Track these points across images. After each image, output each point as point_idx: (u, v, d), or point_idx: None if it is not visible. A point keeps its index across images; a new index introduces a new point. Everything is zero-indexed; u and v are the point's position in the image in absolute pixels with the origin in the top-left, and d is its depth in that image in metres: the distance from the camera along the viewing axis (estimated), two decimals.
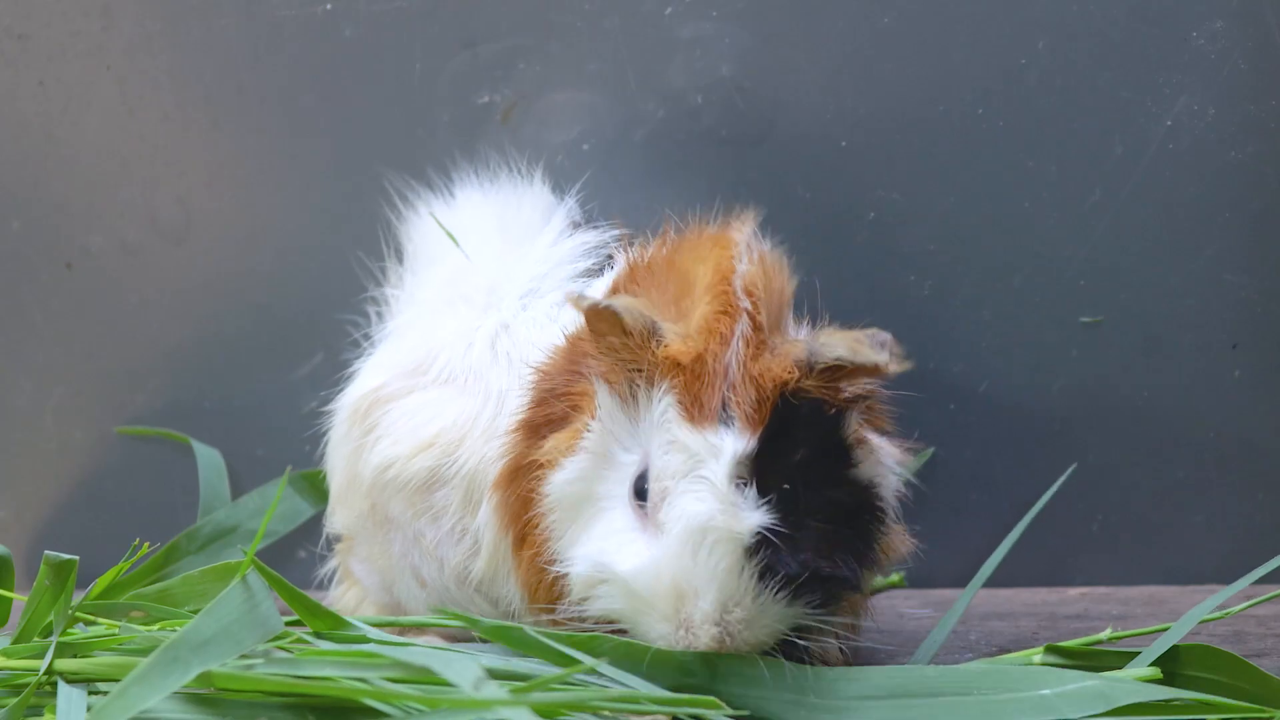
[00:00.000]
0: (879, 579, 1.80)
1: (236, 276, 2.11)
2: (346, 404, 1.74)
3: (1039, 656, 1.50)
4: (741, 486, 1.37)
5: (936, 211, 2.00)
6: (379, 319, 1.86)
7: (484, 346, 1.67)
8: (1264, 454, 2.00)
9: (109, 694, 1.20)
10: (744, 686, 1.37)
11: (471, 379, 1.66)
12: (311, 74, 2.07)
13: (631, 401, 1.44)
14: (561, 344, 1.57)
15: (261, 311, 2.12)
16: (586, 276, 1.70)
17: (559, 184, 1.85)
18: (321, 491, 1.93)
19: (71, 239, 2.13)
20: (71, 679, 1.38)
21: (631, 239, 1.69)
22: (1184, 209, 1.96)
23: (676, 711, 1.32)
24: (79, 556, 1.50)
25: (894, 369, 1.40)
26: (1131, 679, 1.37)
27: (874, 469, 1.46)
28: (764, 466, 1.38)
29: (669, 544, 1.38)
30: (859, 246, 2.00)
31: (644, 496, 1.42)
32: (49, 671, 1.39)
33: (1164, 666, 1.43)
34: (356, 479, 1.72)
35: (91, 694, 1.35)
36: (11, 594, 1.61)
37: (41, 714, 1.34)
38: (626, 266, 1.58)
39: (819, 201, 2.01)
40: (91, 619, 1.54)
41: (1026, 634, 1.78)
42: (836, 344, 1.40)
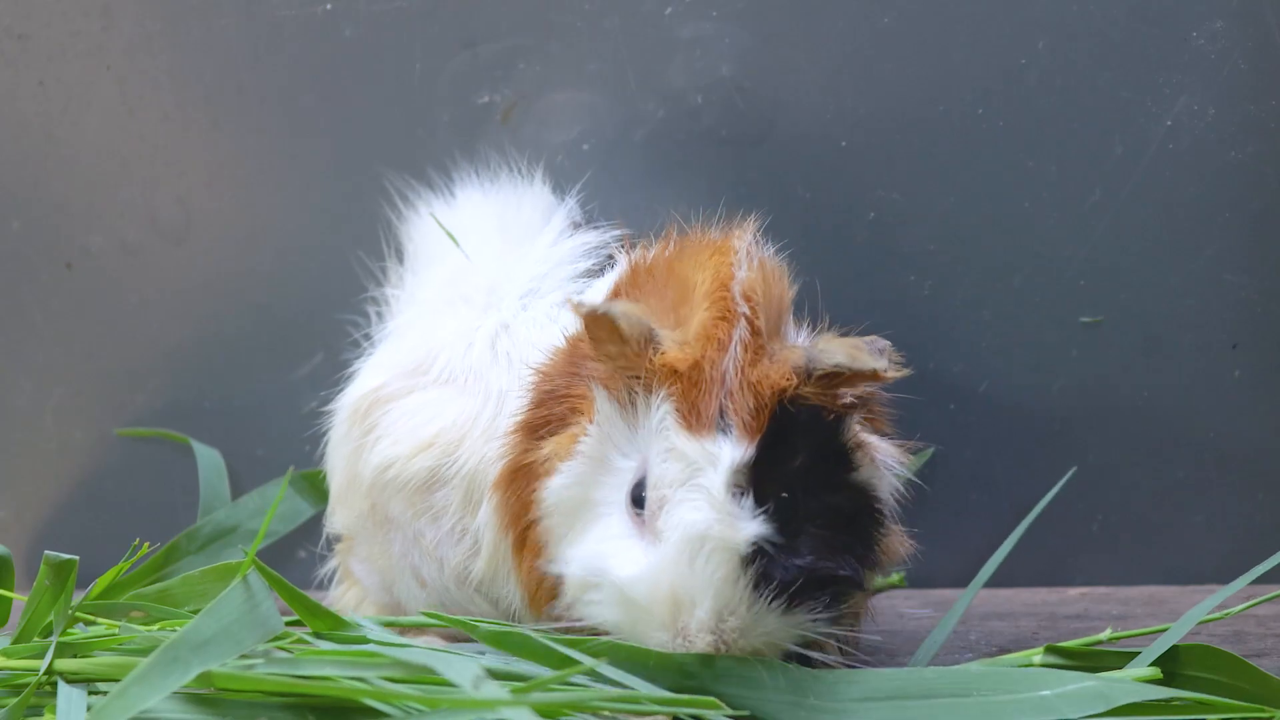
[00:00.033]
0: (879, 580, 1.80)
1: (236, 276, 2.12)
2: (346, 404, 1.74)
3: (1039, 657, 1.50)
4: (738, 495, 1.37)
5: (936, 211, 2.00)
6: (379, 319, 1.86)
7: (484, 347, 1.67)
8: (1264, 454, 2.00)
9: (109, 694, 1.20)
10: (744, 688, 1.36)
11: (471, 379, 1.66)
12: (311, 74, 2.07)
13: (630, 408, 1.44)
14: (562, 345, 1.57)
15: (261, 311, 2.12)
16: (587, 277, 1.70)
17: (559, 184, 1.85)
18: (321, 491, 1.93)
19: (71, 239, 2.13)
20: (71, 679, 1.38)
21: (633, 240, 1.69)
22: (1184, 209, 1.96)
23: (676, 712, 1.32)
24: (79, 556, 1.50)
25: (892, 375, 1.40)
26: (1131, 679, 1.37)
27: (873, 472, 1.46)
28: (762, 474, 1.38)
29: (666, 552, 1.37)
30: (859, 246, 2.00)
31: (641, 504, 1.41)
32: (49, 671, 1.39)
33: (1164, 666, 1.43)
34: (356, 479, 1.72)
35: (91, 694, 1.35)
36: (11, 594, 1.61)
37: (41, 714, 1.34)
38: (628, 269, 1.58)
39: (819, 201, 2.01)
40: (91, 619, 1.54)
41: (1026, 634, 1.78)
42: (835, 350, 1.40)
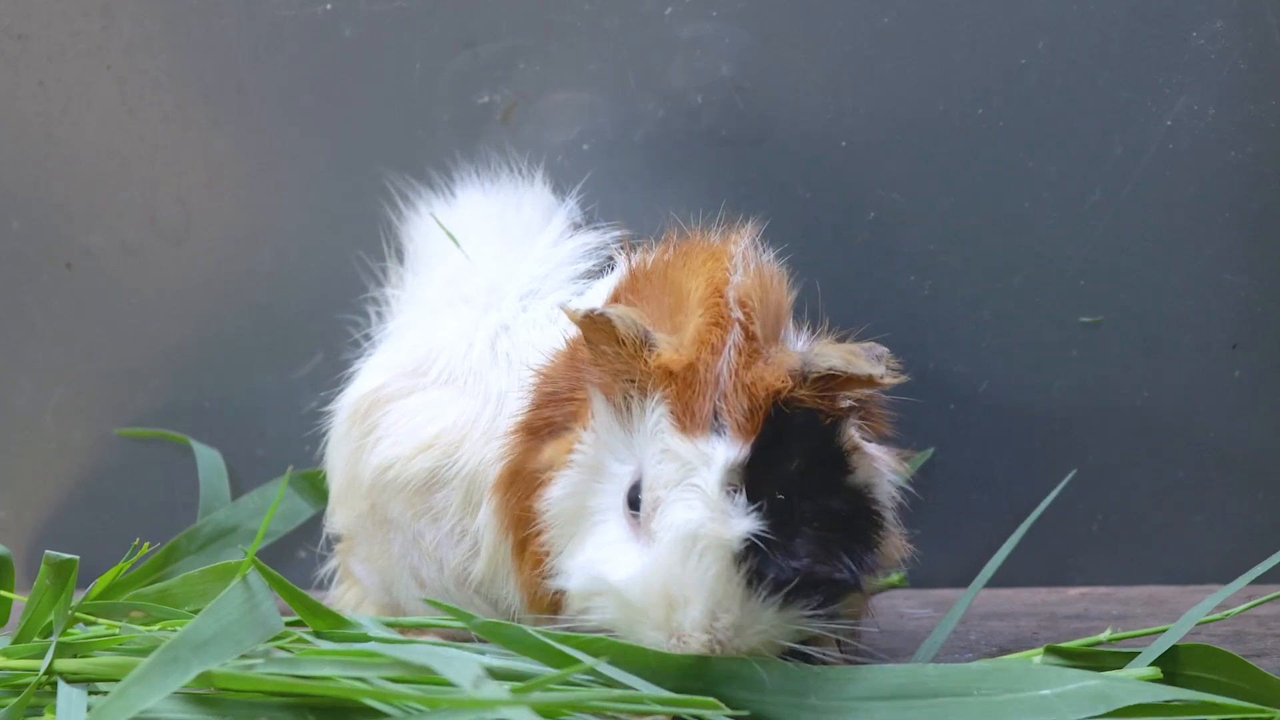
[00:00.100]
0: (878, 580, 1.80)
1: (236, 276, 2.12)
2: (346, 404, 1.74)
3: (1039, 658, 1.50)
4: (732, 494, 1.37)
5: (936, 211, 2.00)
6: (379, 319, 1.86)
7: (484, 347, 1.67)
8: (1264, 454, 2.00)
9: (109, 694, 1.20)
10: (744, 688, 1.36)
11: (471, 380, 1.66)
12: (311, 74, 2.07)
13: (626, 412, 1.44)
14: (562, 347, 1.57)
15: (261, 311, 2.12)
16: (587, 278, 1.70)
17: (559, 184, 1.85)
18: (321, 491, 1.93)
19: (71, 239, 2.13)
20: (71, 679, 1.38)
21: (633, 242, 1.69)
22: (1184, 209, 1.96)
23: (676, 711, 1.32)
24: (79, 556, 1.50)
25: (889, 381, 1.40)
26: (1132, 679, 1.37)
27: (870, 475, 1.46)
28: (756, 475, 1.38)
29: (659, 552, 1.37)
30: (859, 246, 2.00)
31: (637, 506, 1.42)
32: (49, 671, 1.39)
33: (1164, 666, 1.43)
34: (356, 479, 1.72)
35: (91, 694, 1.35)
36: (11, 594, 1.61)
37: (41, 714, 1.34)
38: (627, 274, 1.58)
39: (819, 201, 2.01)
40: (91, 619, 1.54)
41: (1026, 634, 1.78)
42: (830, 354, 1.40)
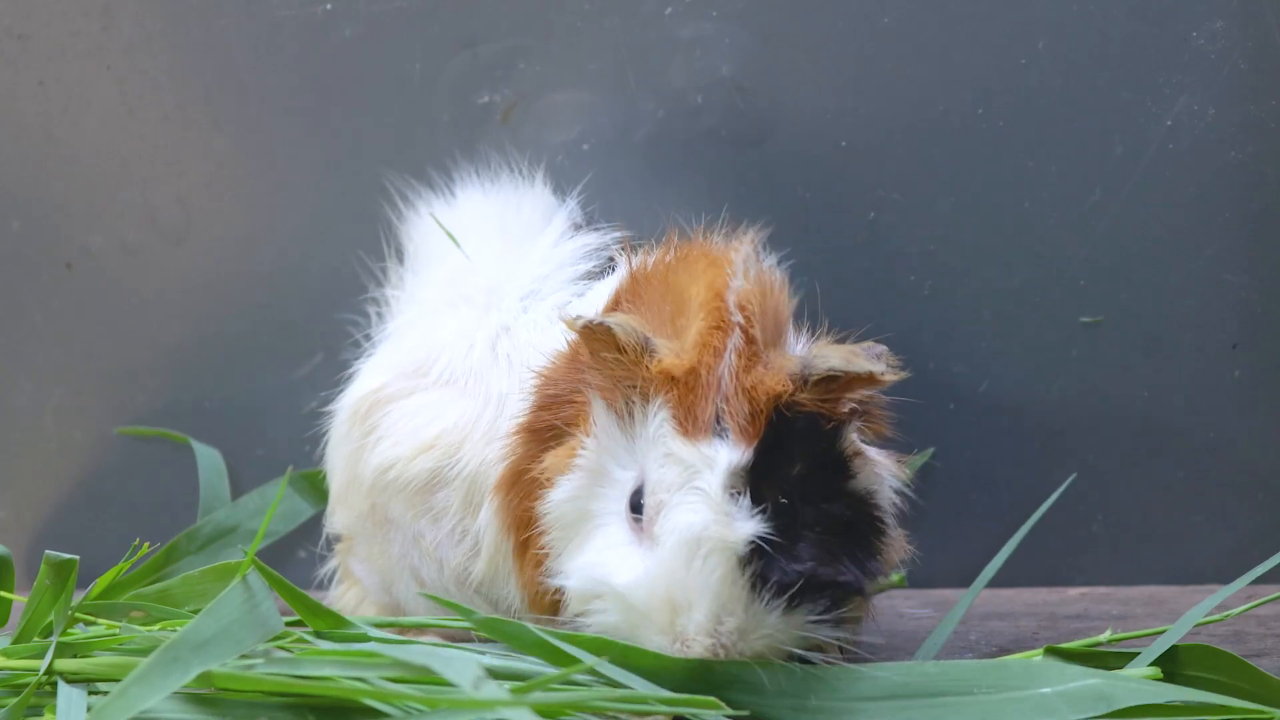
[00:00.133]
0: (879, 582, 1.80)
1: (236, 276, 2.11)
2: (347, 404, 1.74)
3: (1039, 659, 1.50)
4: (735, 497, 1.37)
5: (936, 211, 2.00)
6: (379, 319, 1.86)
7: (485, 348, 1.67)
8: (1264, 454, 2.00)
9: (109, 694, 1.20)
10: (745, 689, 1.36)
11: (472, 381, 1.66)
12: (311, 74, 2.07)
13: (627, 418, 1.44)
14: (563, 349, 1.57)
15: (261, 311, 2.12)
16: (588, 279, 1.70)
17: (559, 184, 1.85)
18: (321, 491, 1.93)
19: (71, 239, 2.13)
20: (71, 679, 1.38)
21: (633, 243, 1.69)
22: (1184, 209, 1.96)
23: (677, 711, 1.32)
24: (79, 556, 1.50)
25: (889, 379, 1.41)
26: (1132, 679, 1.37)
27: (871, 479, 1.46)
28: (759, 478, 1.38)
29: (663, 556, 1.37)
30: (859, 246, 2.00)
31: (640, 510, 1.42)
32: (49, 671, 1.39)
33: (1164, 666, 1.43)
34: (357, 479, 1.72)
35: (91, 694, 1.35)
36: (11, 594, 1.61)
37: (41, 714, 1.34)
38: (628, 277, 1.57)
39: (819, 201, 2.01)
40: (91, 619, 1.54)
41: (1026, 634, 1.78)
42: (830, 355, 1.40)
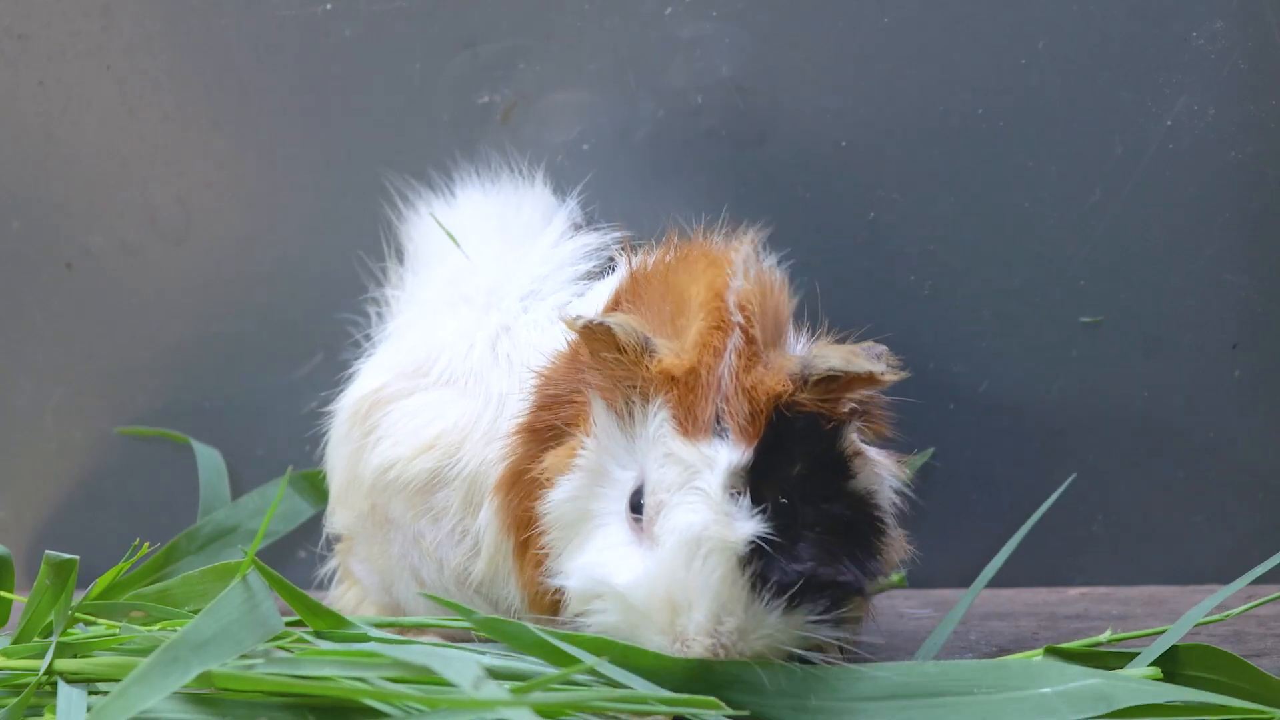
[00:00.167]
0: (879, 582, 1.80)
1: (236, 276, 2.11)
2: (347, 405, 1.74)
3: (1039, 659, 1.50)
4: (735, 496, 1.37)
5: (936, 211, 2.00)
6: (379, 319, 1.86)
7: (485, 348, 1.67)
8: (1264, 454, 2.00)
9: (109, 694, 1.20)
10: (745, 689, 1.36)
11: (472, 381, 1.66)
12: (311, 74, 2.07)
13: (627, 418, 1.44)
14: (563, 349, 1.57)
15: (261, 311, 2.12)
16: (588, 279, 1.70)
17: (559, 184, 1.85)
18: (321, 491, 1.93)
19: (71, 239, 2.13)
20: (71, 679, 1.38)
21: (634, 243, 1.69)
22: (1184, 209, 1.96)
23: (677, 711, 1.32)
24: (79, 556, 1.50)
25: (889, 378, 1.41)
26: (1132, 679, 1.37)
27: (871, 479, 1.46)
28: (759, 478, 1.38)
29: (663, 556, 1.37)
30: (859, 246, 2.00)
31: (640, 510, 1.42)
32: (49, 671, 1.39)
33: (1164, 666, 1.43)
34: (357, 480, 1.72)
35: (91, 694, 1.35)
36: (11, 594, 1.61)
37: (41, 714, 1.34)
38: (628, 277, 1.57)
39: (819, 201, 2.01)
40: (91, 619, 1.54)
41: (1026, 634, 1.78)
42: (830, 355, 1.40)
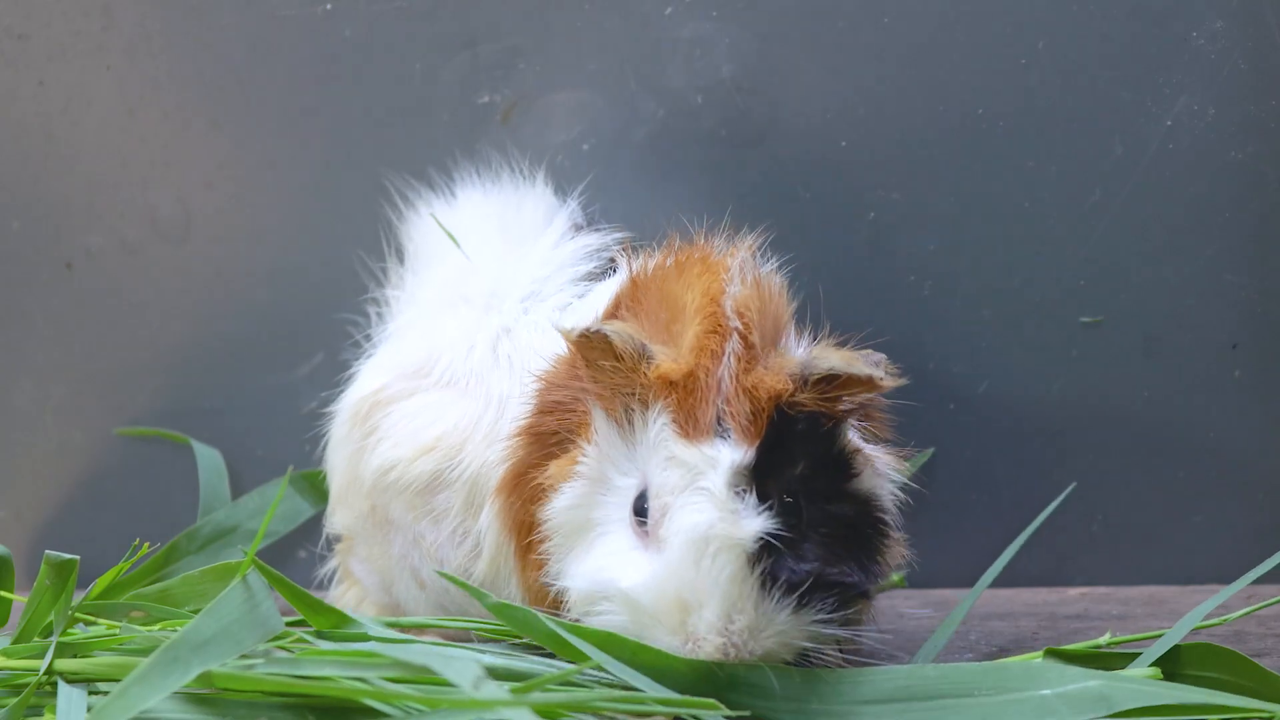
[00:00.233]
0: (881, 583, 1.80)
1: (236, 276, 2.11)
2: (347, 405, 1.74)
3: (1039, 661, 1.50)
4: (741, 495, 1.37)
5: (936, 211, 2.00)
6: (379, 319, 1.86)
7: (485, 350, 1.67)
8: (1264, 454, 1.99)
9: (109, 694, 1.20)
10: (748, 691, 1.36)
11: (473, 382, 1.65)
12: (311, 74, 2.07)
13: (627, 426, 1.45)
14: (563, 353, 1.57)
15: (261, 311, 2.11)
16: (588, 280, 1.70)
17: (559, 184, 1.85)
18: (321, 491, 1.93)
19: (71, 239, 2.13)
20: (71, 679, 1.38)
21: (634, 244, 1.69)
22: (1184, 209, 1.96)
23: (677, 712, 1.32)
24: (79, 556, 1.50)
25: (888, 384, 1.41)
26: (1133, 679, 1.37)
27: (873, 479, 1.46)
28: (763, 477, 1.38)
29: (670, 557, 1.37)
30: (859, 246, 2.00)
31: (644, 514, 1.42)
32: (49, 671, 1.39)
33: (1165, 665, 1.43)
34: (357, 480, 1.72)
35: (91, 694, 1.35)
36: (11, 594, 1.61)
37: (41, 714, 1.34)
38: (628, 281, 1.57)
39: (819, 201, 2.01)
40: (91, 619, 1.54)
41: (1026, 634, 1.78)
42: (830, 356, 1.41)
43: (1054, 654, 1.50)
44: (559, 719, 1.29)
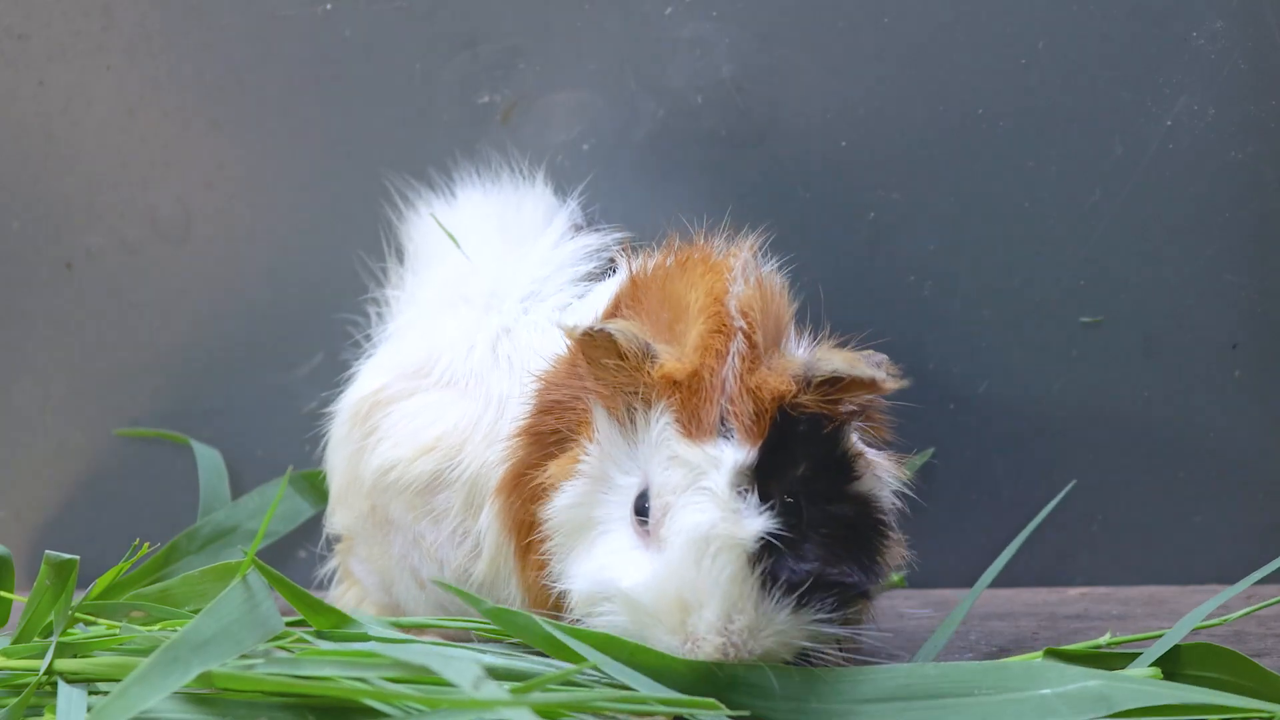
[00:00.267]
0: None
1: (236, 276, 2.11)
2: (347, 405, 1.74)
3: (1039, 661, 1.50)
4: (743, 495, 1.37)
5: (936, 211, 2.00)
6: (379, 320, 1.86)
7: (485, 350, 1.67)
8: (1264, 454, 1.99)
9: (109, 694, 1.20)
10: (748, 691, 1.36)
11: (473, 382, 1.65)
12: (311, 74, 2.07)
13: (629, 425, 1.45)
14: (563, 353, 1.57)
15: (261, 311, 2.11)
16: (588, 280, 1.70)
17: (559, 184, 1.85)
18: (321, 491, 1.92)
19: (71, 239, 2.13)
20: (71, 679, 1.38)
21: (634, 245, 1.69)
22: (1184, 209, 1.96)
23: (677, 712, 1.32)
24: (79, 556, 1.50)
25: (890, 386, 1.41)
26: (1133, 679, 1.36)
27: (874, 481, 1.47)
28: (765, 477, 1.38)
29: (671, 556, 1.37)
30: (859, 246, 2.00)
31: (645, 514, 1.42)
32: (49, 671, 1.39)
33: (1165, 665, 1.43)
34: (357, 480, 1.72)
35: (91, 694, 1.35)
36: (11, 594, 1.61)
37: (41, 714, 1.34)
38: (629, 281, 1.58)
39: (819, 201, 2.01)
40: (91, 619, 1.54)
41: (1026, 634, 1.78)
42: (833, 358, 1.41)
43: (1054, 654, 1.50)
44: (559, 719, 1.29)
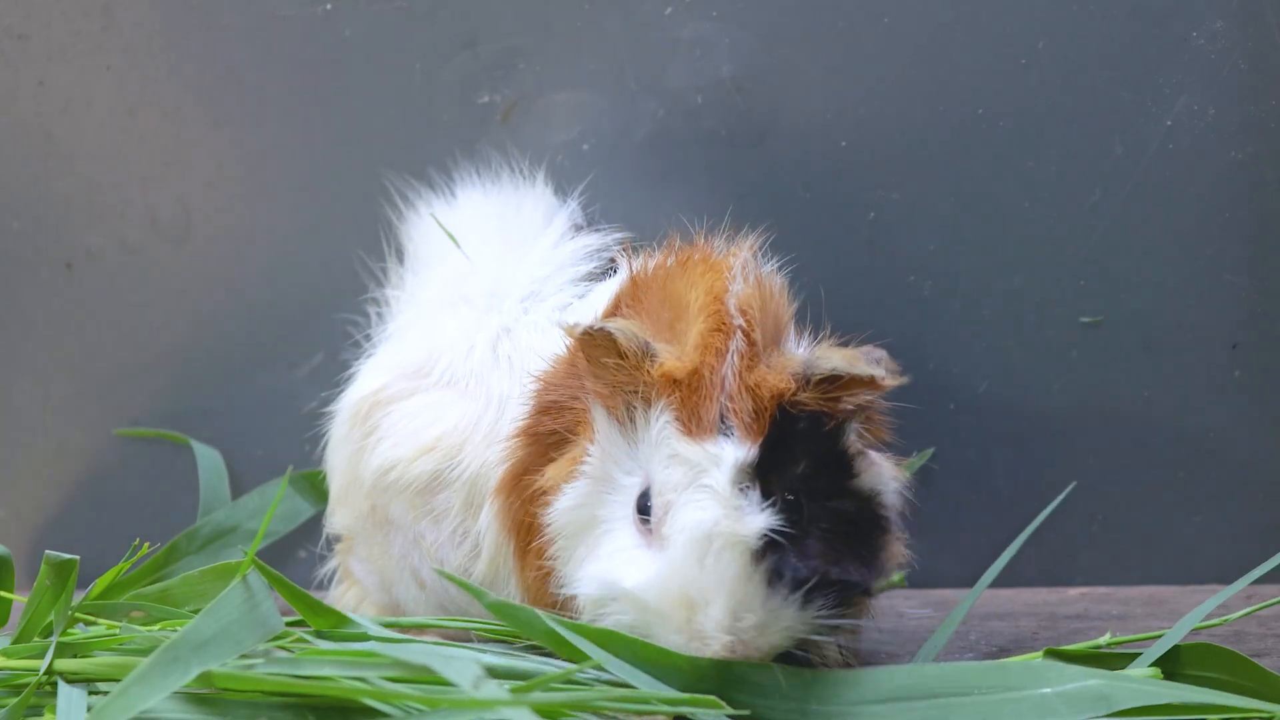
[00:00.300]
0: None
1: (236, 276, 2.11)
2: (347, 405, 1.74)
3: (1039, 660, 1.50)
4: (745, 492, 1.37)
5: (936, 211, 2.00)
6: (379, 320, 1.86)
7: (485, 350, 1.67)
8: (1264, 454, 1.99)
9: (109, 694, 1.20)
10: (748, 690, 1.36)
11: (473, 382, 1.65)
12: (311, 74, 2.07)
13: (629, 424, 1.45)
14: (562, 354, 1.57)
15: (261, 311, 2.11)
16: (588, 280, 1.70)
17: (559, 184, 1.85)
18: (321, 491, 1.92)
19: (71, 239, 2.13)
20: (71, 679, 1.38)
21: (635, 245, 1.69)
22: (1184, 209, 1.96)
23: (678, 711, 1.32)
24: (79, 556, 1.50)
25: (889, 383, 1.41)
26: (1133, 679, 1.36)
27: (874, 479, 1.46)
28: (766, 475, 1.38)
29: (674, 554, 1.37)
30: (859, 246, 2.00)
31: (647, 512, 1.42)
32: (49, 671, 1.39)
33: (1165, 665, 1.43)
34: (357, 480, 1.72)
35: (91, 694, 1.35)
36: (11, 594, 1.61)
37: (41, 714, 1.34)
38: (629, 281, 1.58)
39: (819, 201, 2.01)
40: (91, 619, 1.54)
41: (1026, 634, 1.78)
42: (832, 356, 1.41)
43: (1054, 654, 1.50)
44: (560, 718, 1.29)
